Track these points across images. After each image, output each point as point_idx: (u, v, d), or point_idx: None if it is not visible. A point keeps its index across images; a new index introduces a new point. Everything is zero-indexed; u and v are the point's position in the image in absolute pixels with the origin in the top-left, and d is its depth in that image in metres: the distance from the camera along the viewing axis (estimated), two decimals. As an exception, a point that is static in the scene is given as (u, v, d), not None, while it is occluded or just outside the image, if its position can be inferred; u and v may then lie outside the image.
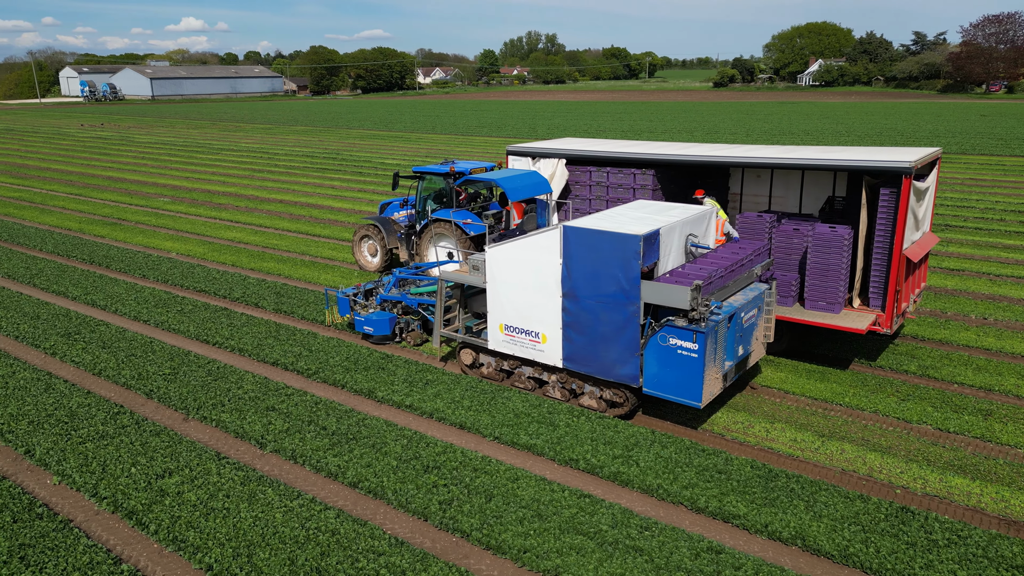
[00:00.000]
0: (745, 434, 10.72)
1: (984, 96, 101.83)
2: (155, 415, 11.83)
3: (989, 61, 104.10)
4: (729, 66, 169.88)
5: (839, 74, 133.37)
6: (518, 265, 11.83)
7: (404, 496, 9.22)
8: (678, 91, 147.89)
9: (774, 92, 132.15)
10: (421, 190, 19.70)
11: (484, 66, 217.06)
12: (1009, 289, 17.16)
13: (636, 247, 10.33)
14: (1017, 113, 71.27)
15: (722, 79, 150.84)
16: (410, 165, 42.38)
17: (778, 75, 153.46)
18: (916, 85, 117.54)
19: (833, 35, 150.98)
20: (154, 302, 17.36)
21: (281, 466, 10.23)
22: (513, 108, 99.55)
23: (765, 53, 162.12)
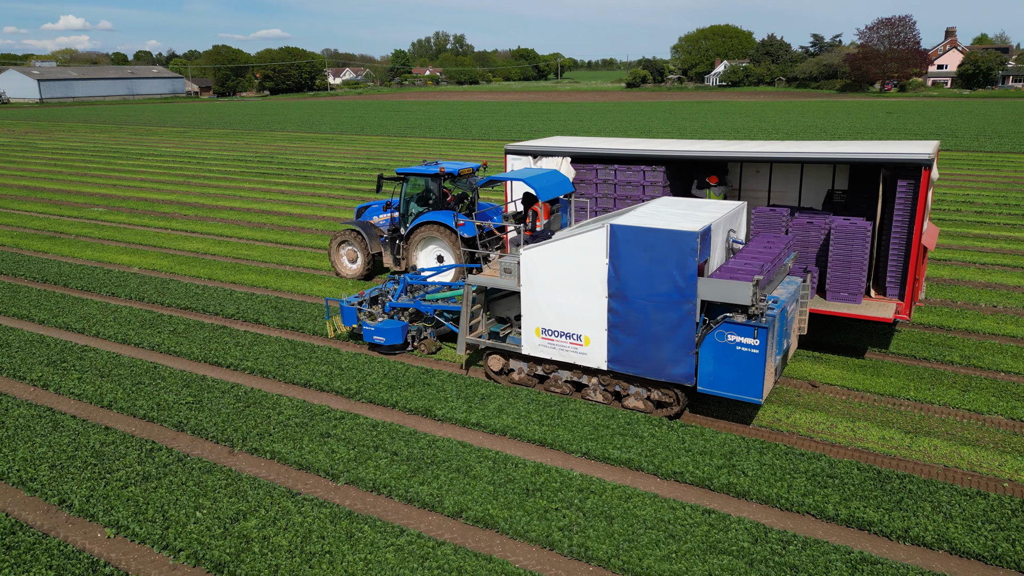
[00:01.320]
0: (832, 434, 10.59)
1: (880, 95, 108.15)
2: (195, 449, 10.64)
3: (883, 62, 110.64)
4: (635, 67, 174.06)
5: (744, 75, 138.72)
6: (557, 266, 11.38)
7: (517, 524, 8.56)
8: (593, 91, 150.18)
9: (685, 92, 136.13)
10: (405, 192, 18.78)
11: (396, 66, 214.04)
12: (1001, 276, 17.91)
13: (693, 244, 10.08)
14: (919, 110, 75.90)
15: (634, 80, 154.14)
16: (353, 167, 40.99)
17: (686, 75, 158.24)
18: (816, 85, 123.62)
19: (736, 37, 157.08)
20: (138, 322, 15.83)
21: (364, 499, 9.35)
22: (436, 109, 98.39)
23: (673, 55, 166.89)
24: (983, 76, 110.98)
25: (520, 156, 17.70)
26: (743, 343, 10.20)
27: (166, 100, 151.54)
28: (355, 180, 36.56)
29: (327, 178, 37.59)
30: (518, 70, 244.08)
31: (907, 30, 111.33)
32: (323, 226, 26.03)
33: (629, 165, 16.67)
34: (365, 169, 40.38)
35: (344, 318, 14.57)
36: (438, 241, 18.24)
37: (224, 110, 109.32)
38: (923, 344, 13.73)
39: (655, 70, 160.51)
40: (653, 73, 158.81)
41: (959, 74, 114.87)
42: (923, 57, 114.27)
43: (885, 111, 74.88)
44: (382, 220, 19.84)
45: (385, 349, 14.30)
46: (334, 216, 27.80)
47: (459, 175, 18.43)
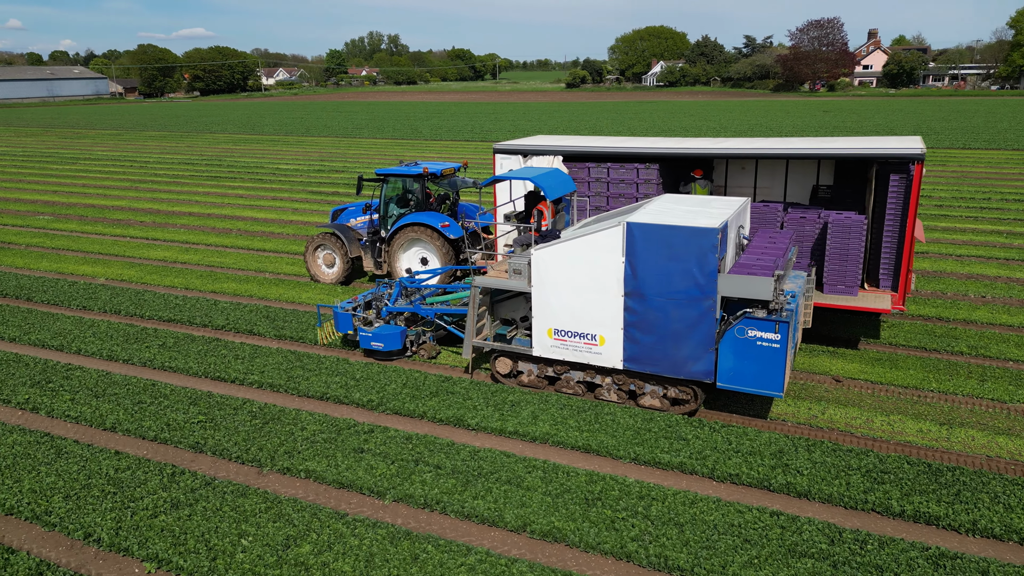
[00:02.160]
0: (871, 429, 10.66)
1: (811, 94, 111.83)
2: (219, 471, 9.98)
3: (813, 62, 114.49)
4: (571, 68, 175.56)
5: (681, 75, 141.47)
6: (570, 266, 11.20)
7: (587, 536, 8.27)
8: (533, 92, 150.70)
9: (624, 92, 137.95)
10: (386, 193, 18.22)
11: (331, 67, 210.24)
12: (979, 267, 18.54)
13: (713, 240, 10.06)
14: (852, 108, 78.70)
15: (574, 80, 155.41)
16: (309, 170, 39.89)
17: (624, 76, 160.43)
18: (750, 85, 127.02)
19: (671, 38, 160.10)
20: (121, 337, 14.87)
21: (416, 516, 8.91)
22: (380, 109, 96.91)
23: (610, 55, 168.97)
24: (906, 76, 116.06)
25: (509, 155, 17.42)
26: (764, 338, 10.21)
27: (90, 102, 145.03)
28: (314, 183, 35.56)
29: (284, 181, 36.44)
30: (455, 70, 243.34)
31: (835, 31, 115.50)
32: (293, 230, 25.16)
33: (622, 163, 16.63)
34: (322, 171, 39.35)
35: (338, 324, 14.01)
36: (422, 243, 17.77)
37: (155, 111, 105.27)
38: (929, 336, 14.03)
39: (593, 71, 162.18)
40: (592, 74, 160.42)
41: (884, 74, 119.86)
42: (850, 58, 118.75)
43: (822, 110, 77.39)
44: (360, 223, 19.25)
45: (382, 355, 13.81)
46: (302, 220, 26.92)
47: (442, 175, 18.02)
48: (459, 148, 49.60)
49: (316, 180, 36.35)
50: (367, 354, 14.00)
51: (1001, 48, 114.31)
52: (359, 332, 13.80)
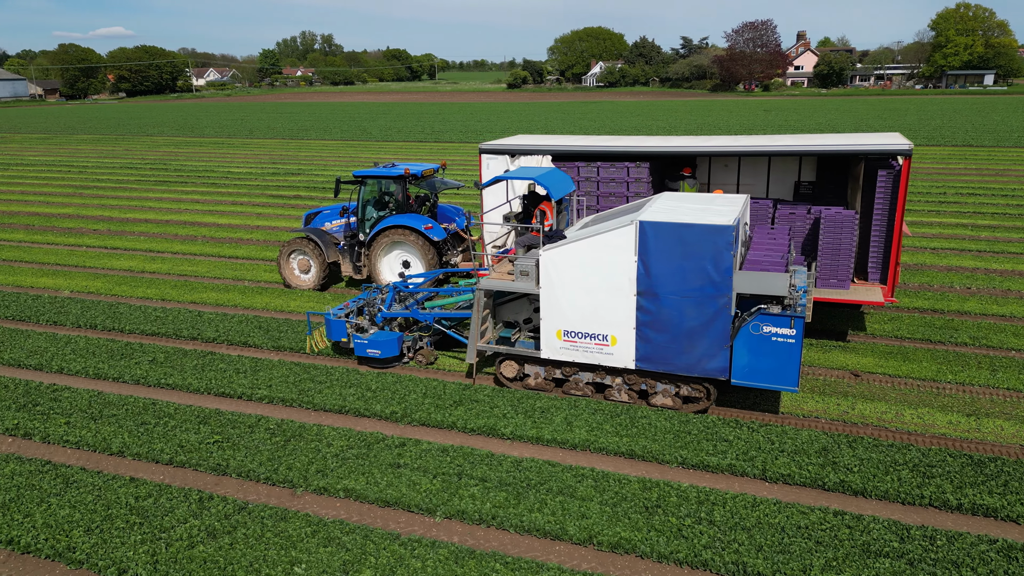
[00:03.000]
0: (902, 422, 10.78)
1: (748, 94, 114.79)
2: (249, 494, 9.38)
3: (749, 63, 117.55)
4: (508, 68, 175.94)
5: (620, 75, 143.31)
6: (581, 266, 11.04)
7: (658, 545, 8.06)
8: (475, 92, 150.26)
9: (565, 92, 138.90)
10: (363, 196, 17.67)
11: (264, 67, 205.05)
12: (956, 260, 19.14)
13: (729, 238, 10.05)
14: (791, 107, 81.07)
15: (515, 80, 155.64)
16: (263, 172, 38.64)
17: (564, 76, 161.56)
18: (689, 85, 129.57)
19: (609, 39, 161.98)
20: (105, 353, 13.95)
21: (473, 533, 8.53)
22: (322, 110, 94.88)
23: (549, 56, 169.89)
24: (836, 76, 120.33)
25: (496, 155, 17.11)
26: (779, 334, 10.25)
27: (8, 104, 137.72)
28: (272, 186, 34.44)
29: (240, 185, 35.18)
30: (391, 71, 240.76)
31: (768, 33, 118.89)
32: (262, 236, 24.24)
33: (613, 162, 16.55)
34: (277, 174, 38.17)
35: (331, 332, 13.47)
36: (404, 246, 17.30)
37: (81, 114, 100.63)
38: (930, 328, 14.35)
39: (534, 71, 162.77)
40: (533, 74, 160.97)
41: (815, 74, 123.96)
42: (784, 58, 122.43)
43: (763, 109, 79.46)
44: (335, 226, 18.62)
45: (379, 363, 13.34)
46: (269, 225, 25.98)
47: (422, 176, 17.58)
48: (414, 149, 48.92)
49: (273, 184, 35.21)
50: (361, 362, 13.50)
51: (922, 49, 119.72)
52: (353, 339, 13.29)
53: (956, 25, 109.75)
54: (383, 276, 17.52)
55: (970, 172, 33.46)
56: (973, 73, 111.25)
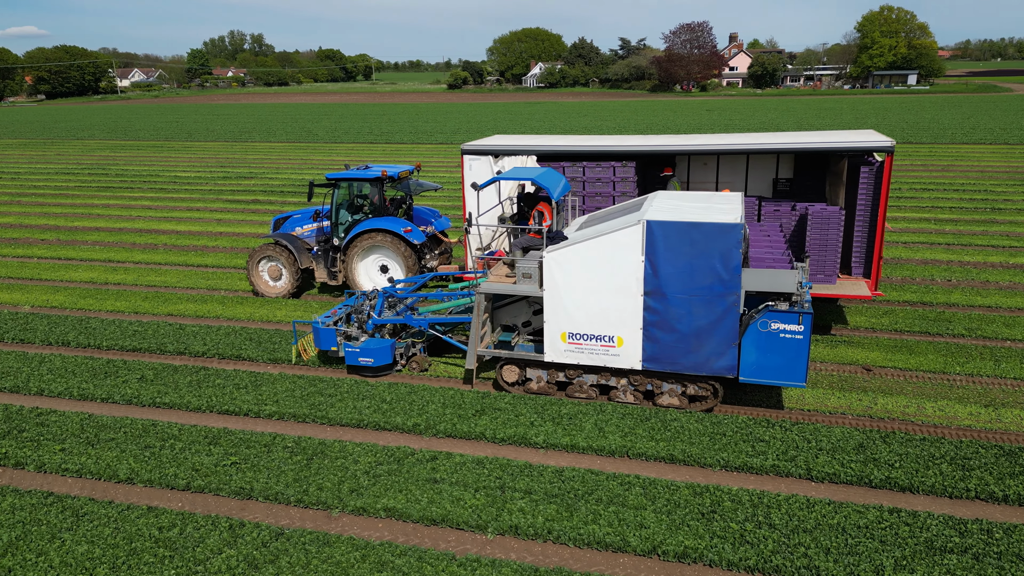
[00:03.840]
0: (925, 415, 10.91)
1: (686, 95, 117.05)
2: (281, 519, 8.82)
3: (687, 64, 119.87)
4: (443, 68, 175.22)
5: (560, 76, 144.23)
6: (586, 267, 10.90)
7: (726, 553, 7.87)
8: (416, 92, 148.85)
9: (507, 93, 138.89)
10: (337, 199, 17.07)
11: (193, 67, 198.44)
12: (928, 253, 19.70)
13: (738, 236, 10.07)
14: (732, 107, 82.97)
15: (455, 81, 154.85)
16: (213, 176, 37.26)
17: (504, 77, 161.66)
18: (628, 86, 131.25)
19: (547, 40, 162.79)
20: (87, 372, 13.04)
21: (531, 549, 8.20)
22: (262, 112, 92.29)
23: (489, 56, 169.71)
24: (769, 77, 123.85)
25: (479, 156, 16.79)
26: (787, 330, 10.30)
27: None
28: (226, 191, 33.19)
29: (191, 190, 33.78)
30: (325, 71, 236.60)
31: (705, 35, 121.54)
32: (228, 243, 23.26)
33: (599, 162, 16.47)
34: (228, 178, 36.83)
35: (320, 341, 12.93)
36: (382, 250, 16.78)
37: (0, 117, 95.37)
38: (924, 320, 14.68)
39: (474, 72, 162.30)
40: (473, 75, 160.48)
41: (749, 75, 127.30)
42: (720, 60, 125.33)
43: (706, 108, 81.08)
44: (307, 231, 17.95)
45: (370, 371, 12.88)
46: (232, 231, 24.96)
47: (398, 178, 17.11)
48: (366, 151, 47.98)
49: (227, 188, 33.93)
50: (351, 371, 12.99)
51: (849, 50, 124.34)
52: (344, 348, 12.79)
53: (881, 27, 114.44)
54: (360, 281, 16.95)
55: (916, 168, 34.72)
56: (897, 73, 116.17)
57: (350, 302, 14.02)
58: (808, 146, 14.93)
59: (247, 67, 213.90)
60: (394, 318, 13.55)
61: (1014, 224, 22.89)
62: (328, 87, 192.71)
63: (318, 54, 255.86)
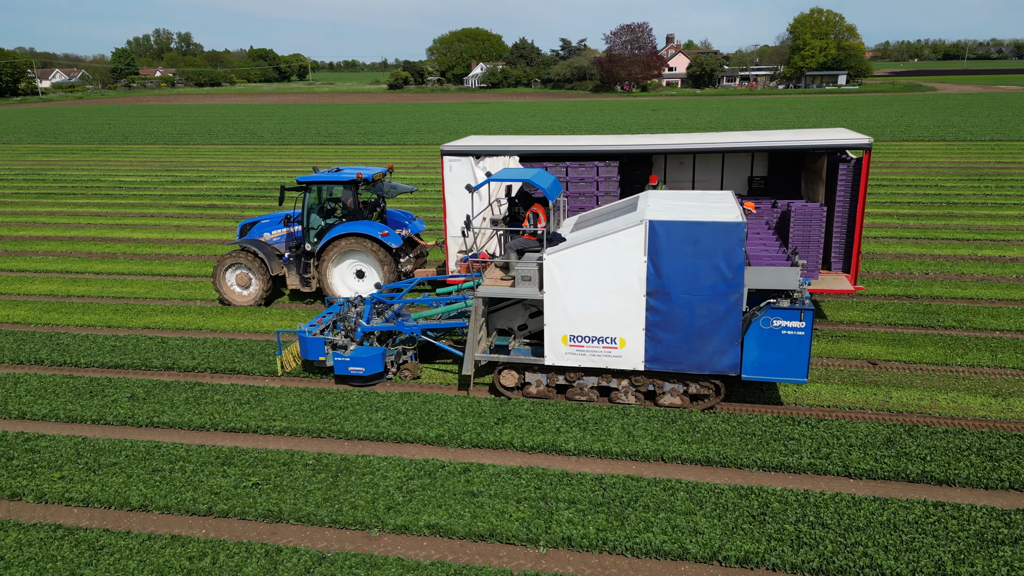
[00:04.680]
0: (939, 407, 11.10)
1: (628, 95, 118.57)
2: (317, 542, 8.36)
3: (628, 64, 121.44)
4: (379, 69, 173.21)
5: (502, 76, 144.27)
6: (587, 269, 10.81)
7: (785, 555, 7.81)
8: (355, 93, 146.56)
9: (449, 93, 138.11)
10: (309, 203, 16.49)
11: (119, 67, 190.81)
12: (899, 247, 20.28)
13: (740, 234, 10.15)
14: (677, 107, 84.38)
15: (396, 81, 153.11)
16: (161, 182, 35.78)
17: (445, 77, 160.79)
18: (570, 86, 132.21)
19: (487, 40, 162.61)
20: (70, 392, 12.20)
21: (587, 560, 7.97)
22: (198, 113, 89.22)
23: (429, 56, 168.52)
24: (708, 77, 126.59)
25: (459, 157, 16.51)
26: (789, 327, 10.42)
27: None
28: (179, 196, 31.88)
29: (140, 195, 32.31)
30: (258, 71, 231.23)
31: (645, 36, 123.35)
32: (192, 251, 22.28)
33: (582, 162, 16.43)
34: (177, 183, 35.41)
35: (307, 351, 12.46)
36: (358, 254, 16.28)
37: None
38: (913, 313, 15.05)
39: (415, 72, 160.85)
40: (414, 75, 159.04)
41: (688, 75, 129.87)
42: (660, 60, 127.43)
43: (651, 108, 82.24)
44: (276, 237, 17.32)
45: (360, 380, 12.48)
46: (194, 238, 23.94)
47: (372, 181, 16.68)
48: (316, 152, 46.89)
49: (179, 193, 32.59)
50: (340, 381, 12.55)
51: (782, 51, 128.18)
52: (333, 357, 12.33)
53: (812, 29, 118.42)
54: (335, 288, 16.40)
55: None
56: (828, 74, 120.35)
57: (334, 309, 13.55)
58: (788, 144, 15.16)
59: (176, 67, 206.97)
60: (385, 325, 13.13)
61: (972, 218, 23.80)
62: (263, 87, 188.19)
63: (250, 53, 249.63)
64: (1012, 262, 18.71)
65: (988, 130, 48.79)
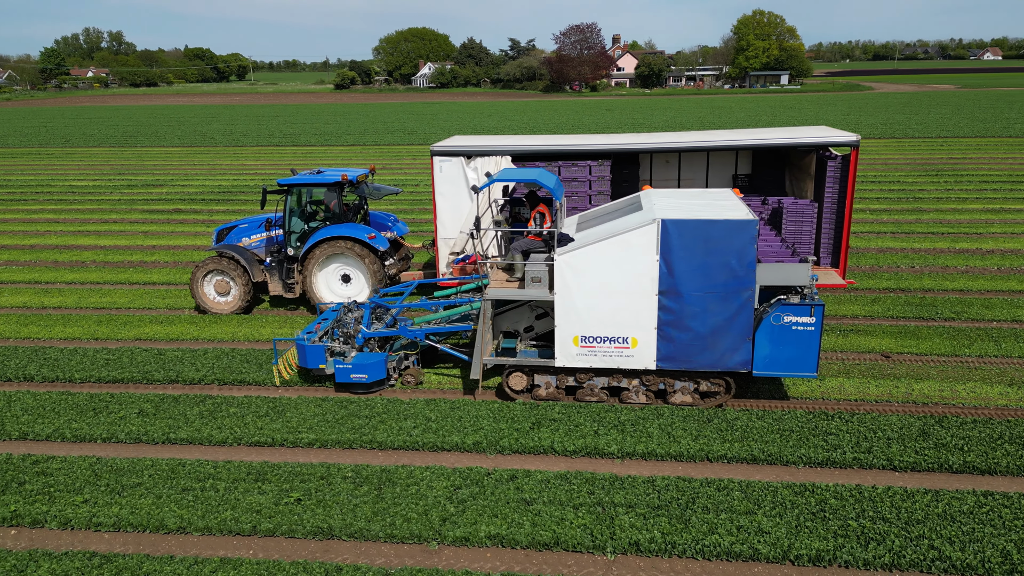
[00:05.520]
0: (960, 398, 11.34)
1: (579, 95, 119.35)
2: (376, 559, 8.04)
3: (578, 65, 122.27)
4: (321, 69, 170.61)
5: (452, 76, 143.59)
6: (599, 269, 10.78)
7: (856, 552, 7.83)
8: (300, 93, 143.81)
9: (397, 93, 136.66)
10: (290, 206, 16.02)
11: (48, 67, 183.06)
12: (879, 242, 20.80)
13: (753, 232, 10.26)
14: (631, 106, 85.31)
15: (343, 81, 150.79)
16: (114, 186, 34.38)
17: (392, 77, 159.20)
18: (520, 86, 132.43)
19: (434, 40, 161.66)
20: (72, 410, 11.52)
21: (658, 566, 7.84)
22: (138, 114, 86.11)
23: (375, 56, 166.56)
24: (656, 77, 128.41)
25: (450, 157, 16.31)
26: (799, 323, 10.59)
27: None
28: (139, 200, 30.67)
29: (96, 200, 30.96)
30: (195, 71, 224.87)
31: (594, 36, 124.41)
32: (167, 257, 21.44)
33: (575, 161, 16.41)
34: (134, 187, 34.08)
35: (306, 359, 12.06)
36: (344, 258, 15.85)
37: None
38: (910, 306, 15.42)
39: (362, 71, 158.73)
40: (361, 75, 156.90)
41: (636, 75, 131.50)
42: (609, 60, 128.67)
43: (606, 108, 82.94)
44: (255, 241, 16.76)
45: (361, 388, 12.14)
46: (167, 245, 23.03)
47: (357, 182, 16.32)
48: (274, 154, 45.78)
49: (139, 198, 31.34)
50: (340, 389, 12.20)
51: (727, 52, 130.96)
52: (334, 364, 11.96)
53: (755, 30, 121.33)
54: (320, 293, 15.96)
55: (827, 162, 36.80)
56: (771, 74, 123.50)
57: (329, 316, 13.17)
58: (778, 142, 15.40)
59: (108, 67, 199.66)
60: (387, 330, 12.79)
61: (940, 212, 24.59)
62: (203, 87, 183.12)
63: (186, 53, 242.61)
64: (989, 254, 19.38)
65: (933, 127, 50.69)
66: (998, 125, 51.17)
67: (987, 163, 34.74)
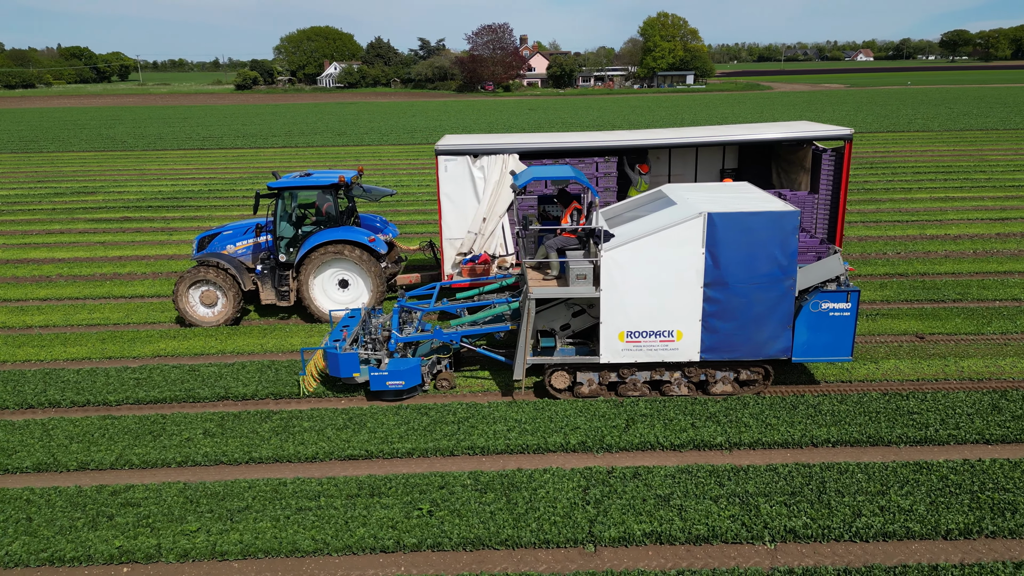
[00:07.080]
0: (1005, 373, 12.06)
1: (493, 95, 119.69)
2: (536, 566, 7.79)
3: (491, 65, 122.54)
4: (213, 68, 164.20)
5: (360, 76, 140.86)
6: (645, 264, 10.96)
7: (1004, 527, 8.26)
8: (199, 94, 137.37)
9: (303, 93, 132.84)
10: (280, 211, 15.45)
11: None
12: (864, 231, 21.89)
13: (795, 222, 10.70)
14: (549, 106, 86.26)
15: (245, 81, 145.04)
16: (43, 194, 32.08)
17: (296, 77, 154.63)
18: (433, 86, 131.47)
19: (339, 39, 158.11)
20: (124, 434, 10.62)
21: (819, 551, 7.97)
22: (27, 117, 79.89)
23: (276, 55, 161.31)
24: (567, 77, 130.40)
25: (455, 156, 16.12)
26: (836, 308, 11.15)
27: None
28: (76, 209, 28.57)
29: (26, 211, 28.61)
30: (73, 71, 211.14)
31: (506, 36, 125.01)
32: (142, 268, 20.07)
33: (582, 158, 16.57)
34: (62, 195, 31.73)
35: (338, 368, 11.61)
36: (342, 263, 15.36)
37: None
38: (916, 289, 16.32)
39: (264, 71, 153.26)
40: (263, 75, 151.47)
41: (548, 75, 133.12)
42: (522, 61, 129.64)
43: (528, 108, 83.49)
44: (240, 249, 16.00)
45: (392, 395, 11.80)
46: (130, 255, 21.52)
47: (351, 184, 15.90)
48: (204, 157, 43.60)
49: (76, 207, 29.14)
50: (372, 397, 11.85)
51: (634, 52, 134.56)
52: (369, 372, 11.60)
53: (660, 32, 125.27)
54: (316, 300, 15.39)
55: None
56: (677, 74, 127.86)
57: (347, 322, 12.75)
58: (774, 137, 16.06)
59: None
60: (422, 335, 12.46)
61: (894, 202, 26.14)
62: (87, 88, 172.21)
63: (60, 52, 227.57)
64: (959, 239, 20.74)
65: (845, 123, 53.86)
66: (903, 120, 54.93)
67: (912, 156, 37.19)
